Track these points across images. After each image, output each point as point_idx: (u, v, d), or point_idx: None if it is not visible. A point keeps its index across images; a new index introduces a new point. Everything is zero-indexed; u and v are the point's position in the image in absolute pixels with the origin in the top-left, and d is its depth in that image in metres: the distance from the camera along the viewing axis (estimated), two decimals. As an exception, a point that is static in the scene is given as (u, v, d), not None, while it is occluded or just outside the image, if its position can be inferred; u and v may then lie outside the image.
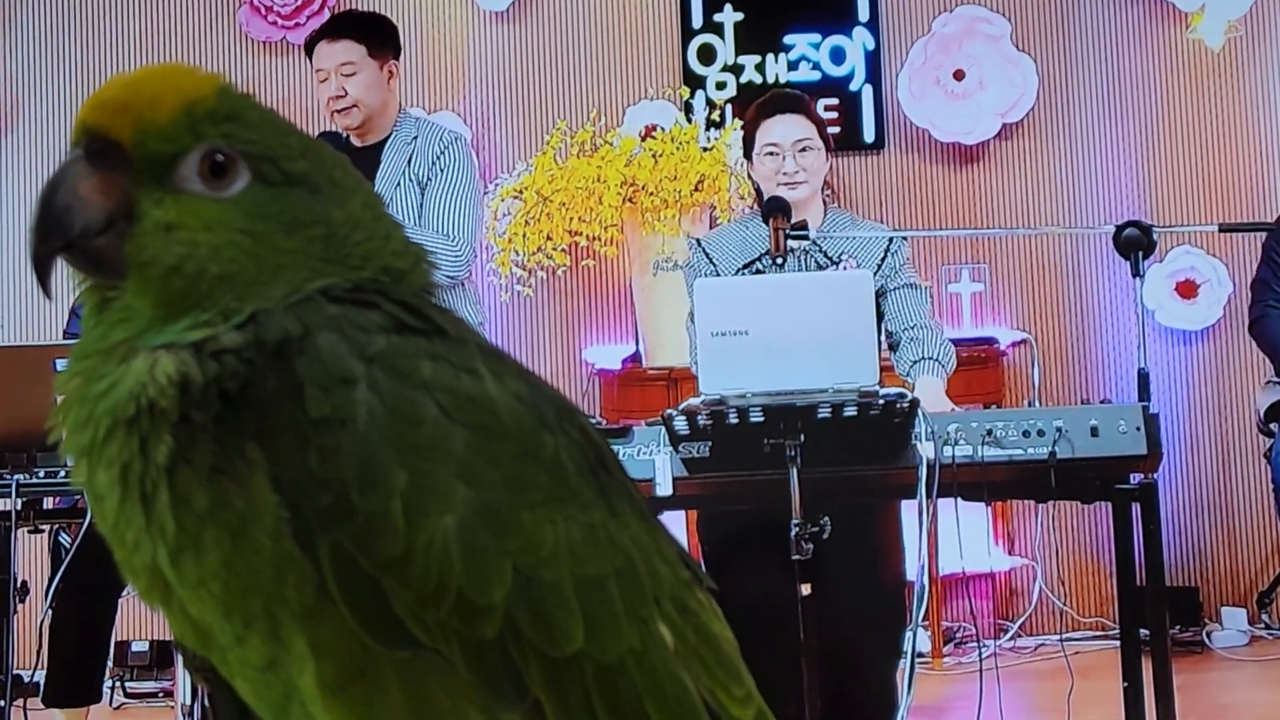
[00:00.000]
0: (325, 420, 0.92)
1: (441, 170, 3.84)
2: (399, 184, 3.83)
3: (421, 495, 0.93)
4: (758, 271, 3.44)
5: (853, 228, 3.76)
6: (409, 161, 3.86)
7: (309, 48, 3.99)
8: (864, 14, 6.12)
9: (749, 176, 3.85)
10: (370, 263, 1.02)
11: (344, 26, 3.97)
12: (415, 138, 3.90)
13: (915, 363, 3.57)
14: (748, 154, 3.79)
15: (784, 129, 3.70)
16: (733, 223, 3.97)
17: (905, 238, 3.84)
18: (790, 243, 3.57)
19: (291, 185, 1.00)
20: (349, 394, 0.93)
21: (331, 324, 0.95)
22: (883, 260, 3.69)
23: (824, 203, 3.81)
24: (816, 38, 6.13)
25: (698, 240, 3.88)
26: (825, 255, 3.69)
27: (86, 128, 0.97)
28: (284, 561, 0.92)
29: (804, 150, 3.68)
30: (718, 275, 3.68)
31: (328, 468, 0.91)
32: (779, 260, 3.43)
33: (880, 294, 3.66)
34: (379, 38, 3.96)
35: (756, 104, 3.88)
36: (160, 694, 5.24)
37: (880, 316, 3.65)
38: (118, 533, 0.96)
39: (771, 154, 3.69)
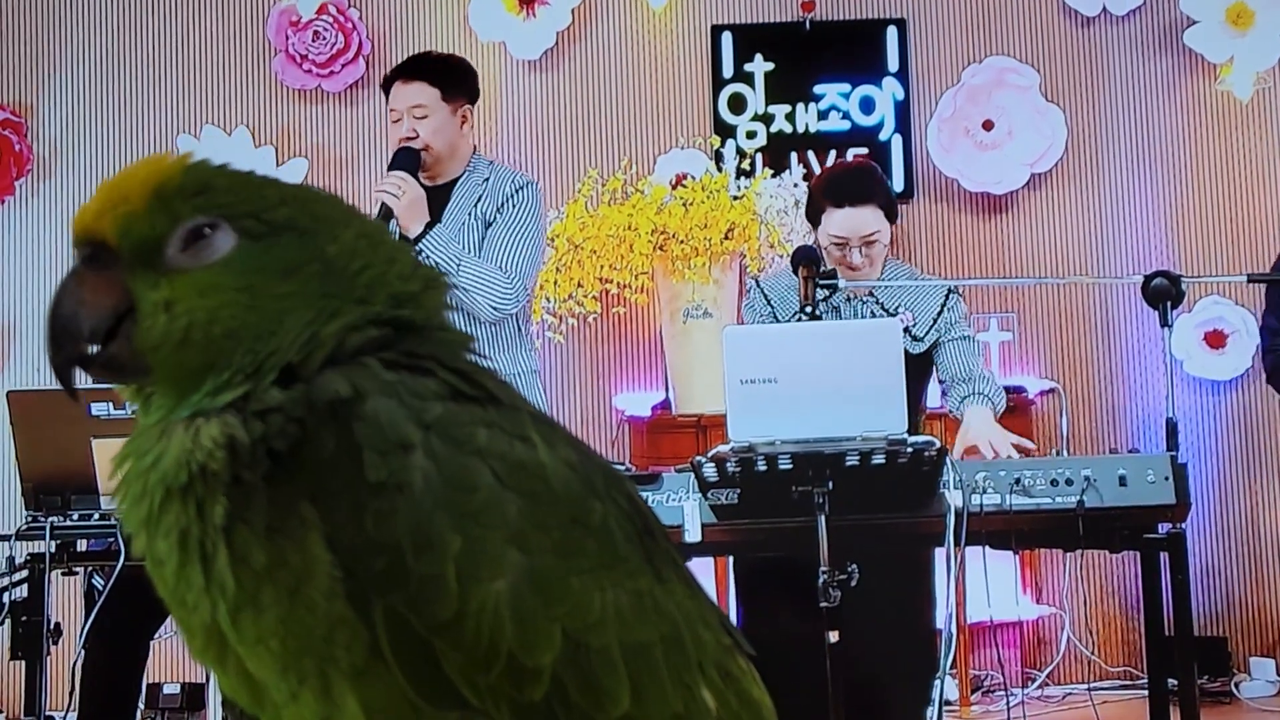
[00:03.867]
0: (382, 485, 0.94)
1: (509, 209, 3.81)
2: (464, 222, 3.80)
3: (475, 560, 0.95)
4: (814, 317, 3.38)
5: (909, 279, 3.71)
6: (477, 201, 3.83)
7: (386, 86, 3.94)
8: (893, 64, 6.17)
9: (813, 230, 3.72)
10: (376, 291, 1.04)
11: (419, 69, 3.91)
12: (488, 179, 3.87)
13: (964, 399, 3.57)
14: (811, 218, 3.69)
15: (853, 224, 3.57)
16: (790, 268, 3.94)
17: (960, 292, 3.76)
18: (848, 292, 3.58)
19: (278, 233, 1.02)
20: (406, 460, 0.95)
21: (388, 390, 0.98)
22: (939, 314, 3.65)
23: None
24: (846, 88, 6.17)
25: (757, 281, 3.85)
26: (881, 306, 3.65)
27: (77, 236, 1.01)
28: (336, 621, 0.95)
29: (872, 243, 3.59)
30: (775, 318, 3.67)
31: (383, 531, 0.94)
32: (819, 308, 3.38)
33: (934, 346, 3.65)
34: (453, 82, 3.90)
35: (828, 180, 3.74)
36: (191, 736, 5.25)
37: (933, 366, 3.67)
38: (177, 595, 0.99)
39: (838, 245, 3.58)
